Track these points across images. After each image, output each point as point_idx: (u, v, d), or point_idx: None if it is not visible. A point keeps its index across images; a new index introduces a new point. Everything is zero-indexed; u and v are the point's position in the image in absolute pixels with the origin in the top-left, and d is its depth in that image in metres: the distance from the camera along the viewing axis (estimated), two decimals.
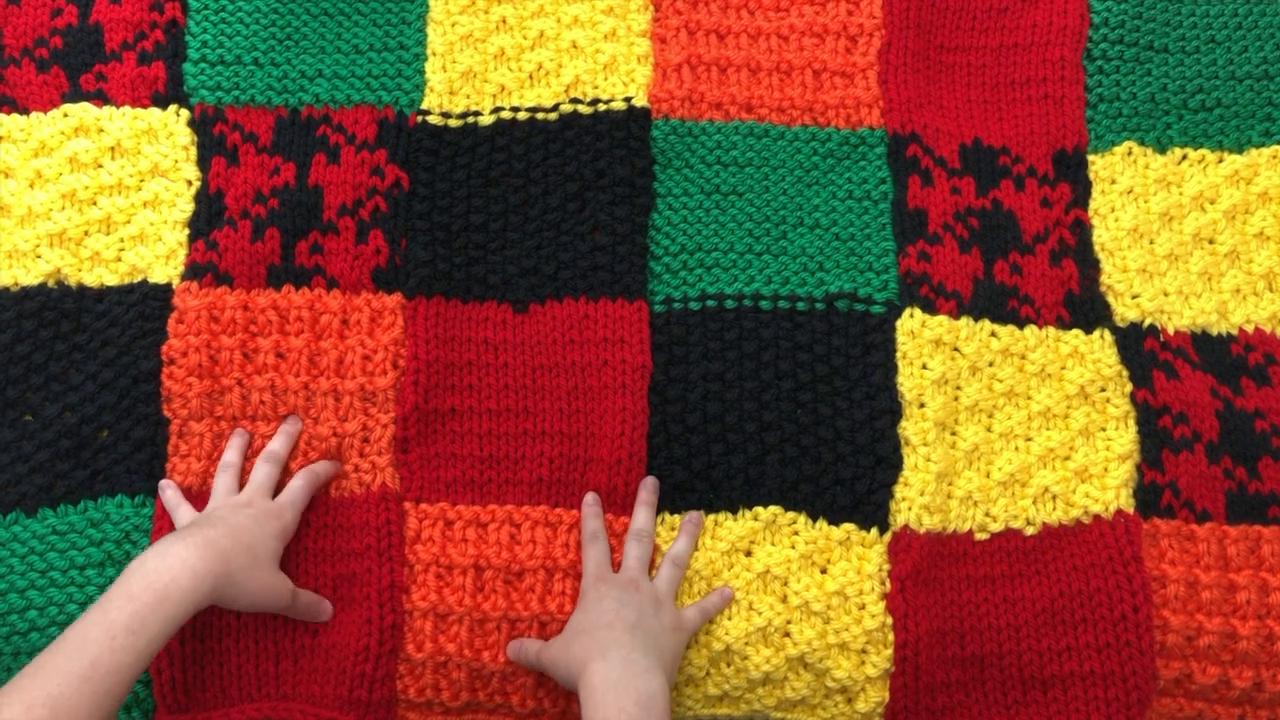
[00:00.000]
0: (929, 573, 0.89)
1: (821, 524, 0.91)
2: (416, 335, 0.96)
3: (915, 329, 0.96)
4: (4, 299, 0.97)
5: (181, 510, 0.89)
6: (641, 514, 0.91)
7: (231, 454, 0.92)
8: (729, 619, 0.88)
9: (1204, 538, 0.90)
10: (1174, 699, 0.88)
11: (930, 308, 0.97)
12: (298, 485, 0.90)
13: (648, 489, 0.92)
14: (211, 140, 1.02)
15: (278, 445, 0.92)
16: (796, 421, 0.93)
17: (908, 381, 0.94)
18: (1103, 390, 0.95)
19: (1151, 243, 1.01)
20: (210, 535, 0.80)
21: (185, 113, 1.03)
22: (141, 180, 1.01)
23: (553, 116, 1.03)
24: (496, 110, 1.04)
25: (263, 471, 0.90)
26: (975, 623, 0.89)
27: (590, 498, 0.91)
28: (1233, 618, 0.87)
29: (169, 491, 0.91)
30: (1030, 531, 0.91)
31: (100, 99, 1.03)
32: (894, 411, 0.93)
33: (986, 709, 0.88)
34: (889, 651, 0.87)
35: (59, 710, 0.69)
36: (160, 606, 0.75)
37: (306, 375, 0.95)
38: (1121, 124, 1.04)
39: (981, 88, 1.07)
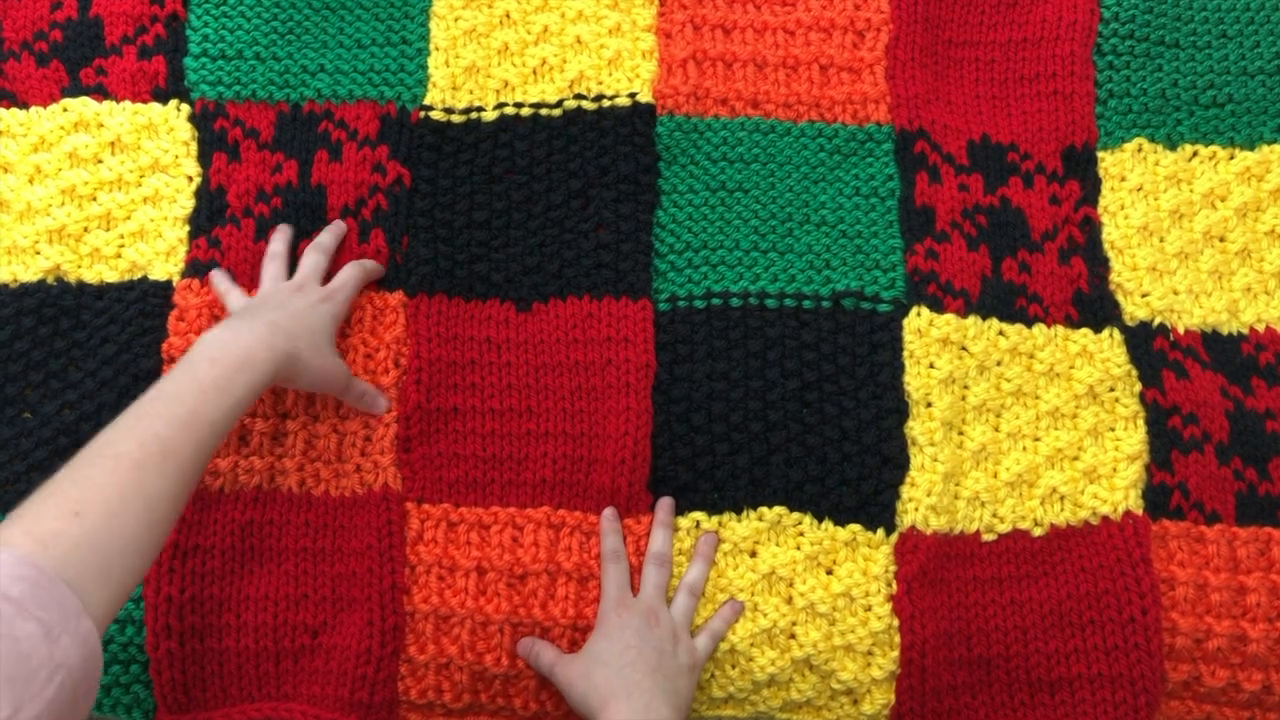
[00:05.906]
0: (936, 574, 0.88)
1: (827, 525, 0.90)
2: (418, 334, 0.95)
3: (922, 327, 0.95)
4: (3, 295, 0.96)
5: (233, 295, 0.90)
6: (659, 536, 0.89)
7: (278, 244, 0.93)
8: None
9: (1213, 539, 0.89)
10: (1182, 702, 0.88)
11: (938, 306, 0.96)
12: (348, 273, 0.92)
13: (664, 509, 0.90)
14: (212, 135, 1.02)
15: (326, 238, 0.95)
16: (802, 421, 0.92)
17: (915, 381, 0.93)
18: (1112, 390, 0.94)
19: (1161, 240, 1.00)
20: (272, 317, 0.81)
21: (186, 107, 1.02)
22: (142, 176, 1.00)
23: (557, 113, 1.02)
24: (500, 106, 1.03)
25: (312, 259, 0.92)
26: (982, 624, 0.88)
27: (609, 512, 0.90)
28: (1242, 620, 0.86)
29: (219, 278, 0.92)
30: (1038, 533, 0.91)
31: (100, 93, 1.02)
32: (901, 411, 0.92)
33: (993, 711, 0.88)
34: (895, 653, 0.86)
35: (167, 449, 0.70)
36: (241, 371, 0.76)
37: None
38: (1131, 120, 1.03)
39: (990, 83, 1.06)
